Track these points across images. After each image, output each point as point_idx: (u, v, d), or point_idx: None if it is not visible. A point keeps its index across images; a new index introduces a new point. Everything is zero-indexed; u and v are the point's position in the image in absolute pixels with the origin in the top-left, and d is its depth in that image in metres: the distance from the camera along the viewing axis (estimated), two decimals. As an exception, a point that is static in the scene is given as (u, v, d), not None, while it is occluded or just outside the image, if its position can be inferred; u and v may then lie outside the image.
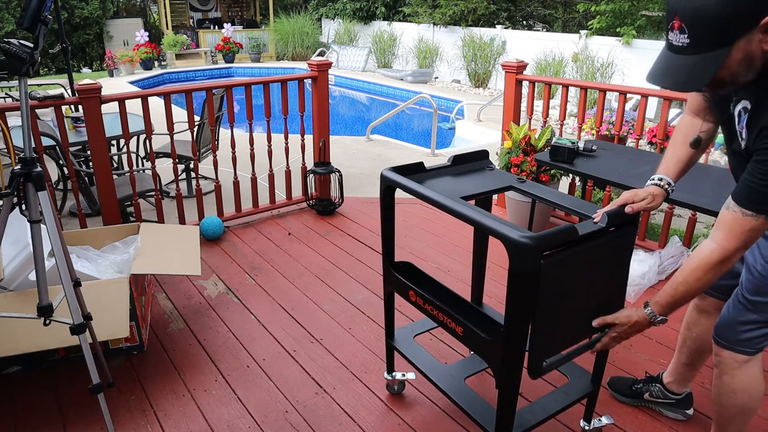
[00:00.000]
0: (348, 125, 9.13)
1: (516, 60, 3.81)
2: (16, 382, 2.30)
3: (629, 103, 5.88)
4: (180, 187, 3.58)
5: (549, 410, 1.79)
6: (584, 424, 1.99)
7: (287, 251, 3.46)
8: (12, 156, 2.22)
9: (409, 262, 2.02)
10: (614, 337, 1.60)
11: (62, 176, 4.09)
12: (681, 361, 2.03)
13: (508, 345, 1.50)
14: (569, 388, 1.89)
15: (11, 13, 11.41)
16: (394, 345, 2.11)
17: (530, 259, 1.37)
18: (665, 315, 1.51)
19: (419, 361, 2.02)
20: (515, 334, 1.48)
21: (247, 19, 14.65)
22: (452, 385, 1.90)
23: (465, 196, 1.74)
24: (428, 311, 1.80)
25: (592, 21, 8.91)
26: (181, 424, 2.08)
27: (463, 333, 1.67)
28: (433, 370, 1.97)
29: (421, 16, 11.45)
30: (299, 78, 3.86)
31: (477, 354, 1.74)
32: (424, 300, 1.80)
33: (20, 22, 1.60)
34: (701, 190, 2.39)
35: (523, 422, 1.72)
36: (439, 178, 1.90)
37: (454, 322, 1.69)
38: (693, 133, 1.65)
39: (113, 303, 2.21)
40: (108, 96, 3.06)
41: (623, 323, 1.57)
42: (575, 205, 1.75)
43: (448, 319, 1.72)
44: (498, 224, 1.43)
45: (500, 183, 1.90)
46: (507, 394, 1.57)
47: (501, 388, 1.57)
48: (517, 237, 1.36)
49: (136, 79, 10.97)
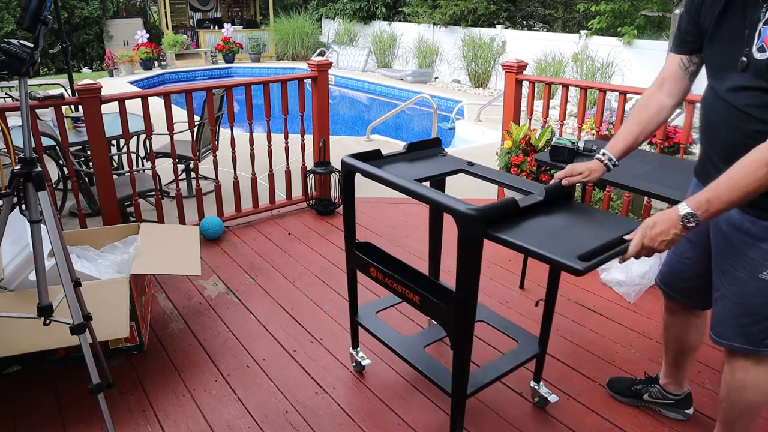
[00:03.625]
0: (348, 125, 9.13)
1: (516, 60, 3.81)
2: (16, 382, 2.30)
3: (629, 103, 5.87)
4: (180, 187, 3.58)
5: (500, 370, 1.96)
6: (534, 384, 2.16)
7: (287, 251, 3.46)
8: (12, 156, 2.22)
9: (370, 243, 2.13)
10: (642, 241, 1.44)
11: (62, 176, 4.09)
12: (668, 362, 2.04)
13: (459, 306, 1.64)
14: (518, 351, 2.06)
15: (11, 13, 11.41)
16: (357, 320, 2.25)
17: (475, 228, 1.54)
18: (700, 212, 1.37)
19: (382, 334, 2.17)
20: (466, 296, 1.63)
21: (247, 19, 14.64)
22: (413, 354, 2.06)
23: (419, 179, 1.88)
24: (388, 285, 1.95)
25: (593, 21, 8.91)
26: (181, 424, 2.08)
27: (420, 301, 1.82)
28: (395, 341, 2.13)
29: (421, 16, 11.45)
30: (299, 78, 3.86)
31: (433, 319, 1.91)
32: (384, 274, 1.94)
33: (20, 22, 1.60)
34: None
35: (477, 381, 1.88)
36: (395, 163, 2.06)
37: (412, 292, 1.84)
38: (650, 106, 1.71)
39: (113, 303, 2.21)
40: (108, 96, 3.06)
41: (648, 224, 1.45)
42: (520, 183, 1.93)
43: (406, 290, 1.86)
44: (448, 200, 1.60)
45: (452, 167, 2.08)
46: (461, 353, 1.72)
47: (455, 347, 1.72)
48: (464, 209, 1.53)
49: (136, 79, 10.97)
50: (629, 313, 2.78)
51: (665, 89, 1.71)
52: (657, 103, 1.71)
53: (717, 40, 1.49)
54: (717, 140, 1.53)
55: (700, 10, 1.53)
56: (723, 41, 1.47)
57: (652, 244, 1.43)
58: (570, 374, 2.34)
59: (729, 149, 1.46)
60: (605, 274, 3.06)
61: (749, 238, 1.49)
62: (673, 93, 1.69)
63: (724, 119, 1.47)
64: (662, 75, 1.72)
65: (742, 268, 1.52)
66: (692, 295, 1.84)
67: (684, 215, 1.38)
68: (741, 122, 1.43)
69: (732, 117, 1.44)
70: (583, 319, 2.73)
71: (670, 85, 1.69)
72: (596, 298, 2.92)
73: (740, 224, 1.50)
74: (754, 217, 1.47)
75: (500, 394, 2.23)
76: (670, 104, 1.70)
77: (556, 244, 1.52)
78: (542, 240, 1.55)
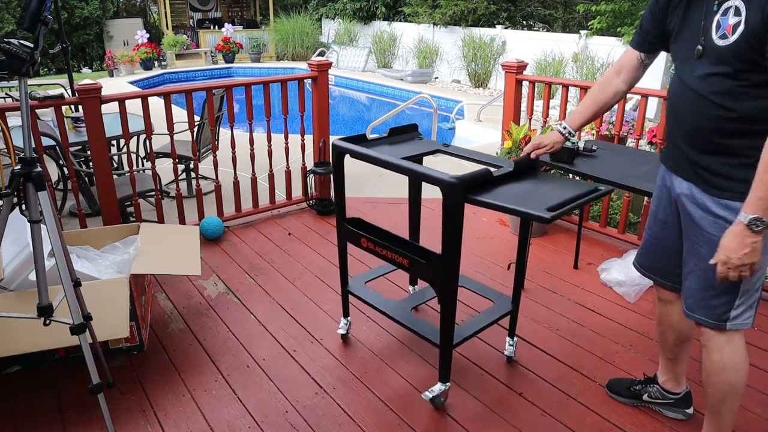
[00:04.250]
0: (348, 125, 9.13)
1: (516, 60, 3.81)
2: (16, 382, 2.30)
3: (629, 103, 5.88)
4: (180, 187, 3.58)
5: (480, 324, 2.23)
6: (508, 340, 2.44)
7: (287, 251, 3.46)
8: (12, 156, 2.22)
9: (359, 218, 2.33)
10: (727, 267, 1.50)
11: (62, 176, 4.09)
12: (666, 357, 2.06)
13: (446, 264, 1.88)
14: (494, 309, 2.34)
15: (11, 13, 11.41)
16: (348, 290, 2.46)
17: (457, 194, 1.78)
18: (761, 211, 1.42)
19: (373, 300, 2.39)
20: (450, 254, 1.87)
21: (247, 19, 14.64)
22: (402, 315, 2.30)
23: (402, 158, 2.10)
24: (378, 252, 2.16)
25: (593, 21, 8.90)
26: (181, 424, 2.08)
27: (409, 263, 2.05)
28: (384, 305, 2.36)
29: (421, 16, 11.44)
30: (299, 78, 3.86)
31: (420, 278, 2.21)
32: (375, 243, 2.15)
33: (20, 22, 1.60)
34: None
35: (460, 334, 2.14)
36: (380, 146, 2.31)
37: (401, 256, 2.06)
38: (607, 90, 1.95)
39: (113, 303, 2.21)
40: (108, 96, 3.06)
41: (723, 246, 1.50)
42: (492, 159, 2.23)
43: (395, 255, 2.08)
44: (432, 171, 1.85)
45: (430, 148, 2.36)
46: (447, 307, 1.96)
47: (443, 301, 1.96)
48: (447, 178, 1.77)
49: (136, 79, 10.97)
50: (629, 313, 2.78)
51: (622, 77, 1.92)
52: (613, 88, 1.95)
53: (682, 35, 1.64)
54: (683, 127, 1.65)
55: (666, 12, 1.68)
56: (687, 36, 1.61)
57: (740, 262, 1.47)
58: (570, 374, 2.34)
59: (695, 135, 1.61)
60: (605, 274, 3.06)
61: (710, 215, 1.61)
62: (627, 81, 1.92)
63: (692, 108, 1.59)
64: (620, 63, 1.92)
65: (705, 243, 1.63)
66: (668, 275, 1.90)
67: (749, 222, 1.44)
68: (706, 109, 1.55)
69: (699, 105, 1.56)
70: (583, 319, 2.73)
71: (627, 73, 1.91)
72: (596, 298, 2.93)
73: (702, 203, 1.63)
74: (716, 197, 1.58)
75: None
76: (623, 90, 1.94)
77: (526, 203, 1.78)
78: (514, 200, 1.82)
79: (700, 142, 1.60)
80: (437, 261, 1.92)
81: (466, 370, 2.38)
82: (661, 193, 1.85)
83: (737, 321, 1.65)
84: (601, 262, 3.18)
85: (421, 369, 2.38)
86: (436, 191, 1.82)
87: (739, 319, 1.65)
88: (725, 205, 1.57)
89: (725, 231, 1.51)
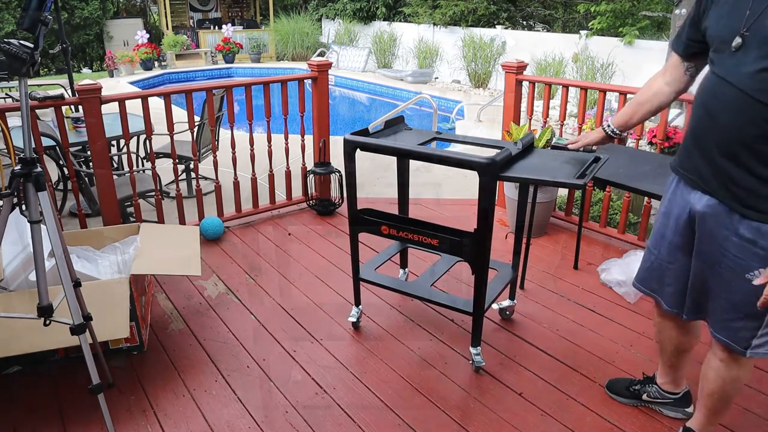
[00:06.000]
0: (348, 125, 9.13)
1: (516, 60, 3.81)
2: (16, 382, 2.30)
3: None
4: (180, 187, 3.58)
5: (496, 290, 2.44)
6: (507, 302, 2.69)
7: (287, 251, 3.46)
8: (12, 156, 2.22)
9: (371, 209, 2.38)
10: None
11: (62, 176, 4.09)
12: (664, 363, 2.05)
13: (481, 238, 2.07)
14: (500, 276, 2.55)
15: (11, 14, 11.41)
16: (361, 277, 2.54)
17: (493, 172, 1.97)
18: None
19: (390, 283, 2.52)
20: (485, 230, 2.06)
21: (247, 20, 14.64)
22: (425, 292, 2.44)
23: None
24: (403, 237, 2.28)
25: (593, 21, 8.90)
26: (181, 424, 2.08)
27: (439, 243, 2.20)
28: (404, 286, 2.52)
29: (421, 16, 11.44)
30: (299, 78, 3.86)
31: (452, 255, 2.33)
32: (398, 229, 2.27)
33: (20, 22, 1.60)
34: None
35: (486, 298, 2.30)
36: (384, 137, 2.40)
37: (429, 237, 2.19)
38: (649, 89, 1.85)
39: (113, 303, 2.21)
40: (108, 96, 3.06)
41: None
42: (487, 141, 2.44)
43: (423, 237, 2.21)
44: (464, 156, 1.99)
45: (426, 137, 2.44)
46: (481, 276, 2.15)
47: (476, 272, 2.15)
48: (483, 160, 1.94)
49: (137, 79, 10.96)
50: (629, 313, 2.78)
51: (666, 77, 1.80)
52: (656, 87, 1.83)
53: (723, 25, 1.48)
54: (718, 131, 1.47)
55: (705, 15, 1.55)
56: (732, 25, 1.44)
57: None
58: (570, 374, 2.34)
59: (732, 142, 1.43)
60: (605, 275, 3.06)
61: (737, 238, 1.49)
62: (671, 83, 1.78)
63: (733, 109, 1.42)
64: (667, 65, 1.80)
65: (728, 267, 1.53)
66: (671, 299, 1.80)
67: None
68: (753, 111, 1.38)
69: (743, 106, 1.39)
70: (583, 319, 2.73)
71: (672, 75, 1.78)
72: (596, 298, 2.92)
73: (729, 223, 1.50)
74: (749, 219, 1.46)
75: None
76: (667, 91, 1.80)
77: (548, 174, 2.00)
78: (535, 173, 2.02)
79: (738, 151, 1.40)
80: (472, 237, 2.09)
81: (467, 370, 2.38)
82: (671, 209, 1.70)
83: (759, 350, 1.56)
84: (601, 262, 3.18)
85: (421, 369, 2.39)
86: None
87: (762, 348, 1.56)
88: (757, 228, 1.44)
89: None
